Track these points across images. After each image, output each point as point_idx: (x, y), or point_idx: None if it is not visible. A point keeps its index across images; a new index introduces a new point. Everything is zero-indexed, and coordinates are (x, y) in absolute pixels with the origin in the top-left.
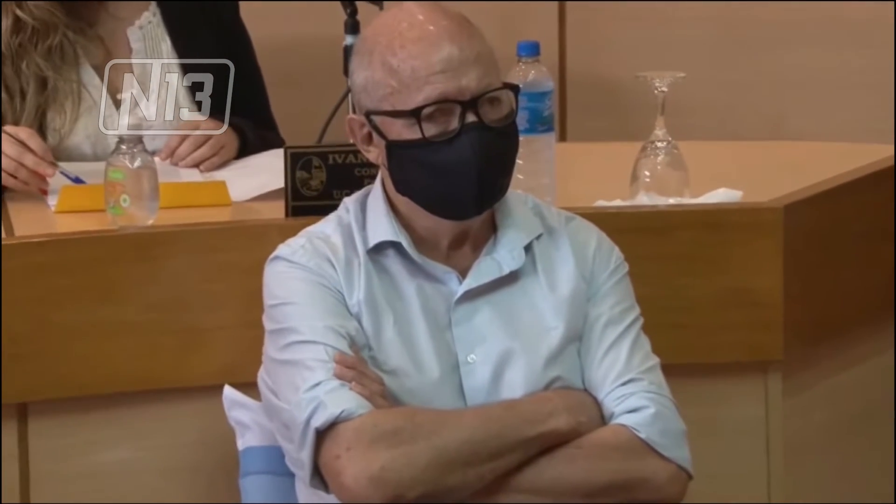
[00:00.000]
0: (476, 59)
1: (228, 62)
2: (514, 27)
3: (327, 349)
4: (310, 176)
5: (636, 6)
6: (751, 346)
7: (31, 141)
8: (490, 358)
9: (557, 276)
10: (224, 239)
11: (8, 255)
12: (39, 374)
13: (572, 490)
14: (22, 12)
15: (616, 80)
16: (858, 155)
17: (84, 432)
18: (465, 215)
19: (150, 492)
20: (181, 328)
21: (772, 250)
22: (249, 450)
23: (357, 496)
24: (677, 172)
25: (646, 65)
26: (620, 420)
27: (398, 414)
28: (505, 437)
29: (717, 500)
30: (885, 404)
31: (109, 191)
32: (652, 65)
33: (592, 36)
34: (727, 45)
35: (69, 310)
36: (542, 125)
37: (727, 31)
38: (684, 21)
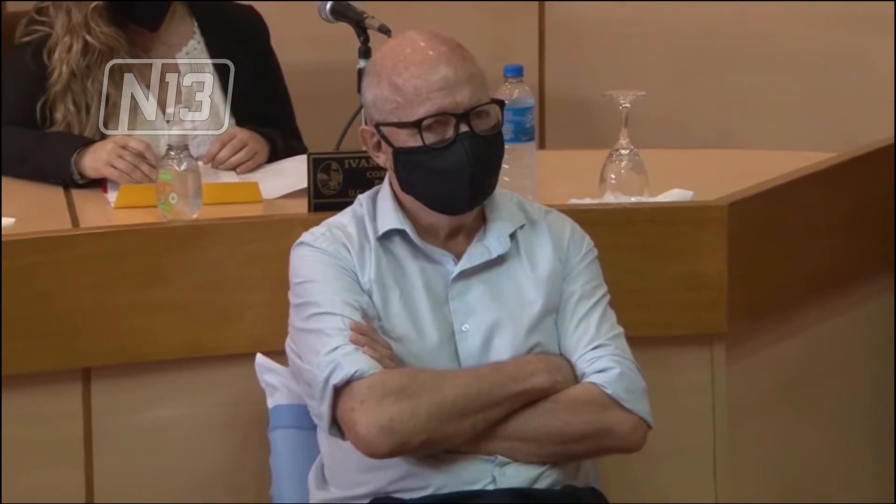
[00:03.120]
0: (468, 78)
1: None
2: (501, 52)
3: (343, 319)
4: (329, 178)
5: (605, 36)
6: (699, 322)
7: (148, 152)
8: (481, 327)
9: (537, 258)
10: (256, 231)
11: (74, 243)
12: (100, 344)
13: (551, 438)
14: (90, 38)
15: (587, 97)
16: (792, 161)
17: (138, 393)
18: (459, 211)
19: (195, 443)
20: (220, 306)
21: (718, 241)
22: (278, 408)
23: (370, 443)
24: (638, 175)
25: (611, 85)
26: (591, 379)
27: (404, 373)
28: (494, 393)
29: (671, 452)
30: (814, 372)
31: (160, 190)
32: (617, 85)
33: (567, 61)
34: (682, 69)
35: (125, 290)
36: (524, 135)
37: (682, 58)
38: (644, 49)
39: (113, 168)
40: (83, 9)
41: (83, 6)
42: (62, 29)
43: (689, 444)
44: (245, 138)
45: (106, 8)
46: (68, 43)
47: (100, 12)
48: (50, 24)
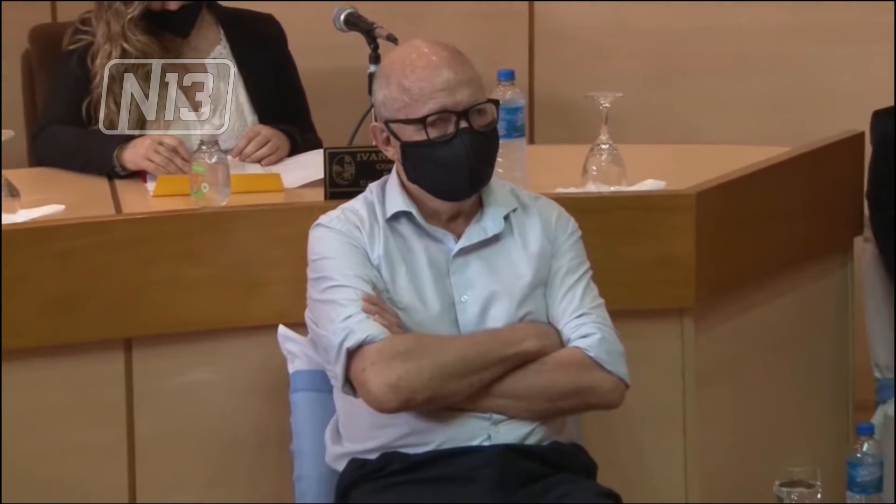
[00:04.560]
0: (467, 80)
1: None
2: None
3: (356, 291)
4: (343, 169)
5: (587, 44)
6: (670, 297)
7: (181, 148)
8: (478, 298)
9: (528, 238)
10: (278, 216)
11: (118, 228)
12: (140, 316)
13: (540, 395)
14: (127, 45)
15: (571, 98)
16: (753, 155)
17: (174, 360)
18: (460, 197)
19: (224, 405)
20: (246, 283)
21: (687, 226)
22: (298, 373)
23: (379, 400)
24: (617, 168)
25: (593, 87)
26: (575, 343)
27: (409, 338)
28: (489, 355)
29: (645, 412)
30: (773, 341)
31: (193, 180)
32: (597, 87)
33: (554, 66)
34: (656, 73)
35: (162, 269)
36: (516, 132)
37: (656, 63)
38: (623, 55)
39: (150, 162)
40: (121, 19)
41: (121, 16)
42: (103, 37)
43: (661, 406)
44: (268, 135)
45: (141, 18)
46: (108, 50)
47: (135, 22)
48: (92, 33)
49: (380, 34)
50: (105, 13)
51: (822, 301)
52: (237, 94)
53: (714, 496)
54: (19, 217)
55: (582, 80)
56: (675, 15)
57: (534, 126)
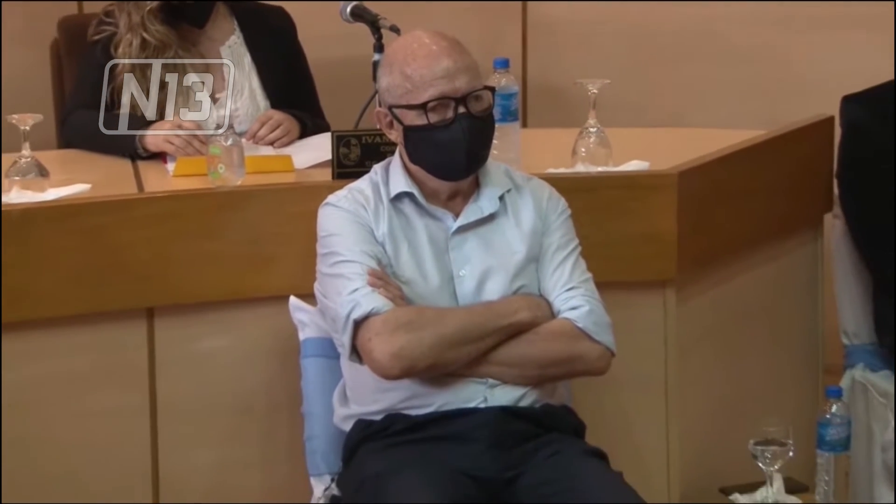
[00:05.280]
0: (465, 68)
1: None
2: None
3: (362, 265)
4: (349, 151)
5: (576, 35)
6: (653, 269)
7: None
8: (475, 273)
9: (521, 216)
10: (289, 195)
11: (140, 205)
12: (161, 288)
13: (531, 363)
14: (147, 35)
15: (561, 85)
16: (731, 138)
17: (193, 328)
18: (458, 178)
19: (240, 369)
20: (260, 257)
21: (669, 203)
22: (308, 340)
23: (384, 367)
24: (604, 149)
25: (582, 74)
26: (565, 315)
27: (411, 310)
28: (485, 326)
29: (630, 377)
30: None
31: (210, 161)
32: (586, 74)
33: (545, 55)
34: (640, 61)
35: (182, 243)
36: (510, 116)
37: (640, 52)
38: (609, 44)
39: (170, 144)
40: (140, 11)
41: (141, 8)
42: (124, 28)
43: (645, 371)
44: (280, 119)
45: (160, 9)
46: (130, 39)
47: (154, 13)
48: (115, 24)
49: (383, 25)
50: (126, 5)
51: (795, 273)
52: (250, 81)
53: (693, 455)
54: (48, 195)
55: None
56: (657, 8)
57: (527, 111)
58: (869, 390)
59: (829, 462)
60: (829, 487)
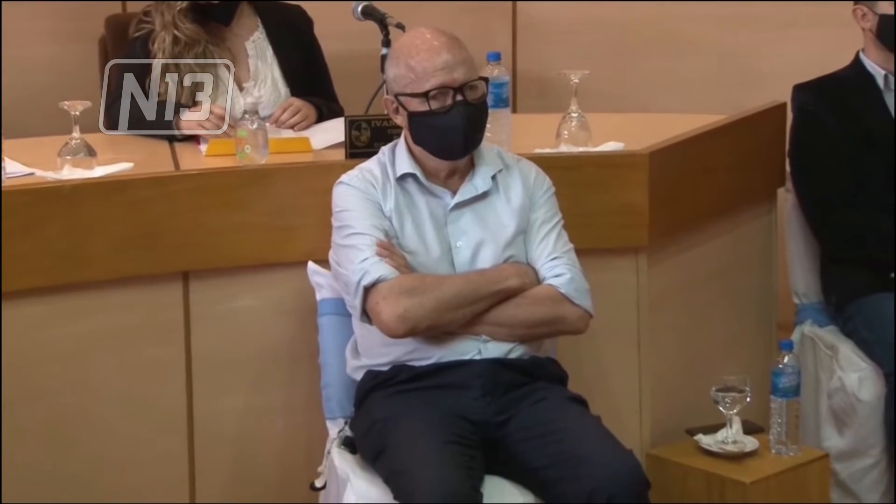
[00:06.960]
0: (463, 61)
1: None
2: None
3: (371, 238)
4: (360, 134)
5: (560, 31)
6: (627, 238)
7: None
8: (470, 244)
9: (511, 194)
10: (307, 172)
11: (177, 181)
12: (194, 254)
13: (520, 324)
14: (178, 32)
15: (547, 75)
16: (696, 122)
17: (223, 290)
18: (456, 157)
19: (265, 326)
20: (283, 226)
21: (641, 179)
22: (324, 300)
23: (390, 327)
24: (584, 132)
25: (565, 65)
26: (549, 282)
27: (414, 277)
28: (479, 291)
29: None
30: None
31: (238, 143)
32: (569, 66)
33: (533, 49)
34: (615, 55)
35: (213, 215)
36: (502, 103)
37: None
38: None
39: (202, 127)
40: (172, 10)
41: (172, 8)
42: (159, 26)
43: (620, 327)
44: (299, 105)
45: (189, 9)
46: (164, 36)
47: (184, 13)
48: (152, 22)
49: (390, 23)
50: (160, 5)
51: (752, 240)
52: (272, 71)
53: (662, 400)
54: (96, 172)
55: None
56: (632, 8)
57: (516, 98)
58: (817, 343)
59: (782, 407)
60: (782, 429)
